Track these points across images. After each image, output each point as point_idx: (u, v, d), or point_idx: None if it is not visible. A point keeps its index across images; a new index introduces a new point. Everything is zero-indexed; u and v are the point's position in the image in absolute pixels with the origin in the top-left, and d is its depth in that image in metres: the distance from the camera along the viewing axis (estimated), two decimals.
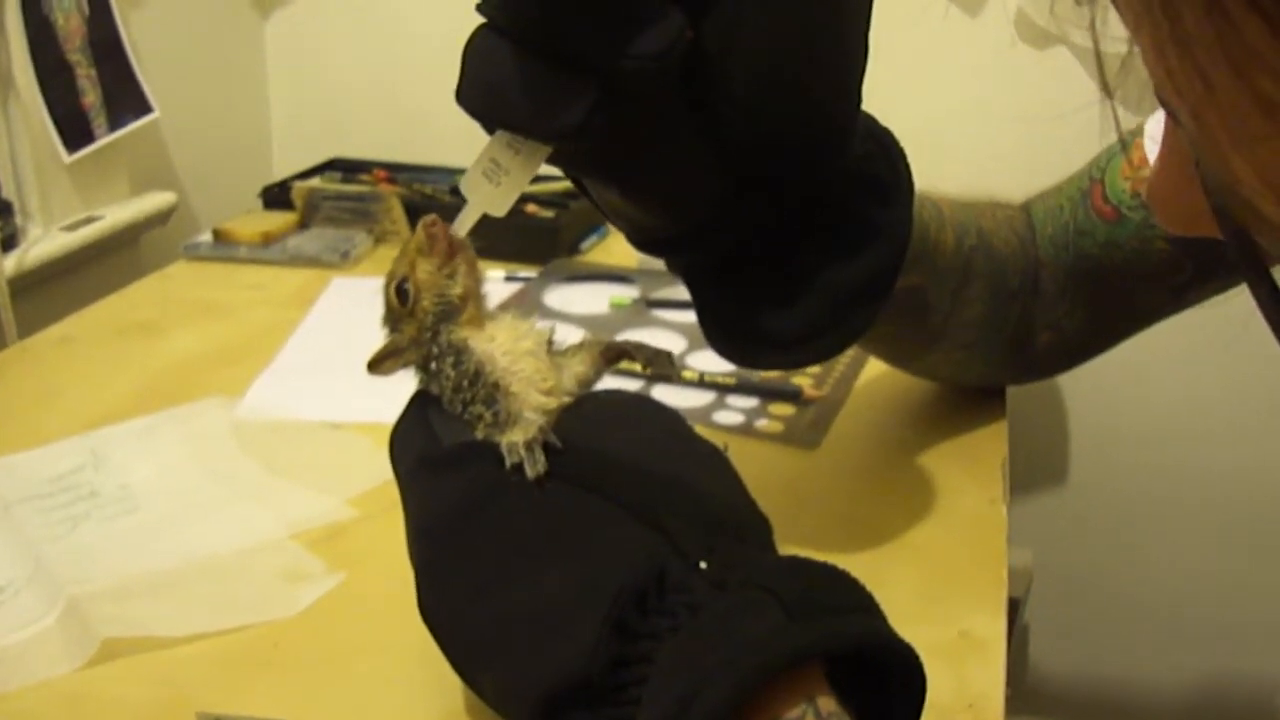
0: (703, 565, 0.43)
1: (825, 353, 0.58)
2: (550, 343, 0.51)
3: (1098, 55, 0.30)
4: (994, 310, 0.74)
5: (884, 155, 0.57)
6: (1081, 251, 0.74)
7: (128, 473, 0.73)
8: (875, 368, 0.89)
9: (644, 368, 0.53)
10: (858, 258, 0.55)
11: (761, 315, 0.56)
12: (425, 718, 0.52)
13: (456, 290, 0.51)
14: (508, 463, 0.45)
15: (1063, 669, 1.53)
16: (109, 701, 0.54)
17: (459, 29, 0.48)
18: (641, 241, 0.57)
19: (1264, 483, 1.37)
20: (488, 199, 0.49)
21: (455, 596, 0.46)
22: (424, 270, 0.51)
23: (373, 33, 1.42)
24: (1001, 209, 0.77)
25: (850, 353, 0.91)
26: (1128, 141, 0.73)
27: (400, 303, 0.51)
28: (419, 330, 0.51)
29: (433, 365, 0.50)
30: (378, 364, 0.52)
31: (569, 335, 0.52)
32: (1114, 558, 1.45)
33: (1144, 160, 0.71)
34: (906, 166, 0.58)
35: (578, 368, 0.51)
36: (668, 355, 0.53)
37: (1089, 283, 0.75)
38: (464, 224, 0.51)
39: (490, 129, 0.48)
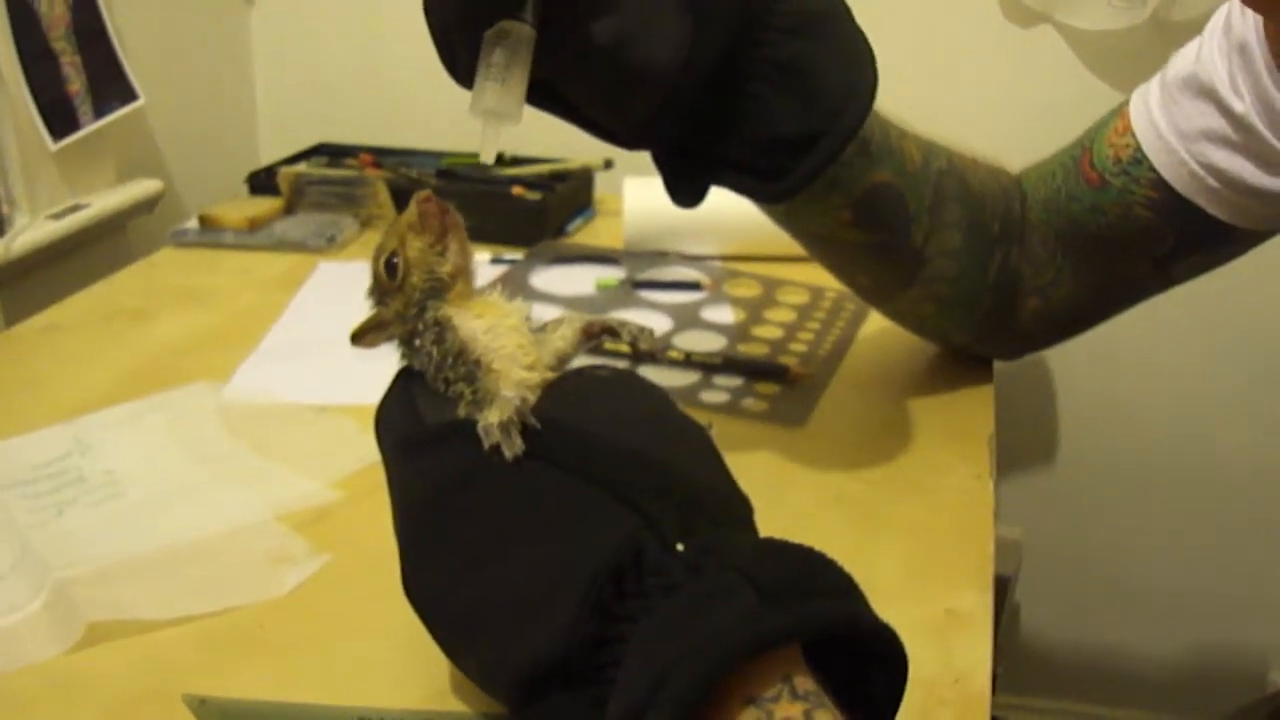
0: (680, 547, 0.43)
1: (821, 152, 0.59)
2: (528, 319, 0.51)
3: None
4: (974, 247, 0.75)
5: None
6: (1071, 216, 0.76)
7: (113, 458, 0.72)
8: (861, 346, 0.89)
9: (629, 346, 0.52)
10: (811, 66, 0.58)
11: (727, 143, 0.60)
12: (412, 697, 0.52)
13: (446, 268, 0.51)
14: (485, 444, 0.45)
15: (1054, 646, 1.54)
16: (95, 685, 0.54)
17: None
18: (626, 140, 0.60)
19: (1253, 457, 1.37)
20: (500, 102, 0.50)
21: (436, 576, 0.46)
22: (415, 247, 0.51)
23: (357, 17, 1.42)
24: (983, 160, 0.78)
25: (836, 331, 0.91)
26: (1115, 111, 0.75)
27: (389, 277, 0.51)
28: (405, 306, 0.51)
29: (416, 342, 0.50)
30: (361, 336, 0.52)
31: (552, 316, 0.52)
32: (1104, 534, 1.46)
33: (1128, 127, 0.72)
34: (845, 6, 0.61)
35: (558, 343, 0.51)
36: (651, 332, 0.52)
37: (1076, 248, 0.77)
38: (489, 149, 0.51)
39: (471, 29, 0.51)
